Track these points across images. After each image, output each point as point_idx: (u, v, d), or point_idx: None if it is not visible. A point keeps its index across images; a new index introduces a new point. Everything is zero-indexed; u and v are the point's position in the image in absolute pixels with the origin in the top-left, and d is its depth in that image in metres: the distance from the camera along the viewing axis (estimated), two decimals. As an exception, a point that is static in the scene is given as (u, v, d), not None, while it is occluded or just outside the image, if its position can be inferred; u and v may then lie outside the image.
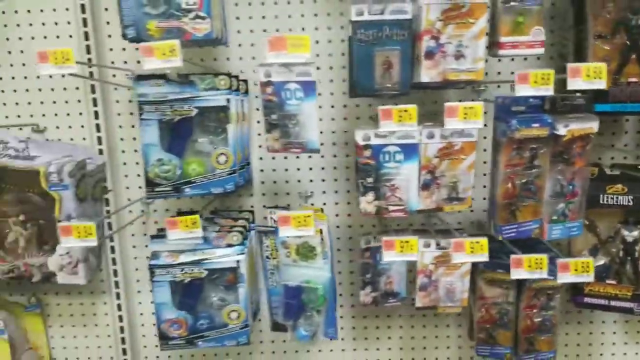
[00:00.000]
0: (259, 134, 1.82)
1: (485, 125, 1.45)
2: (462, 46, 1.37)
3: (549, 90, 1.29)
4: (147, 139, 1.48)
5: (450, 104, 1.31)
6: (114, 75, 1.80)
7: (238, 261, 1.49)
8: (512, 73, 1.72)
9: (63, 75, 1.81)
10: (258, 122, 1.81)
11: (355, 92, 1.51)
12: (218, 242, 1.53)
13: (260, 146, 1.83)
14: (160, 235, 1.55)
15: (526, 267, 1.39)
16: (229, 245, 1.53)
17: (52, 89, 1.82)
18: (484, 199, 1.78)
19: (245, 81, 1.73)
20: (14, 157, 1.69)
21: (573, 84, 1.26)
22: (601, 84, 1.26)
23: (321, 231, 1.47)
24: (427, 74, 1.39)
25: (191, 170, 1.53)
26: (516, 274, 1.39)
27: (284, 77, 1.45)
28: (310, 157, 1.84)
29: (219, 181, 1.53)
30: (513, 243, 1.51)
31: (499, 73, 1.75)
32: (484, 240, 1.39)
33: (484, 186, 1.75)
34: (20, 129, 1.82)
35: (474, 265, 1.60)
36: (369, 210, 1.49)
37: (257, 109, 1.80)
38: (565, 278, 1.39)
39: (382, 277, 1.69)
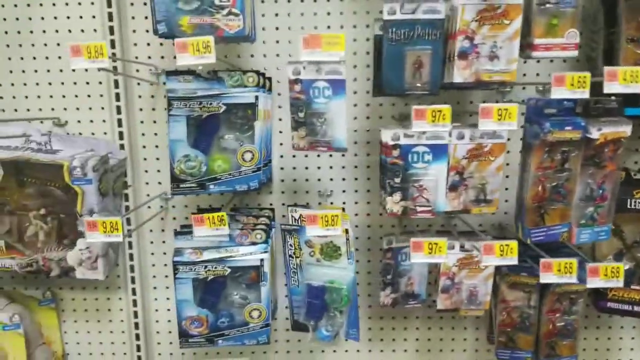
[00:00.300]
0: (280, 132, 1.81)
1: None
2: (496, 47, 1.37)
3: (584, 93, 1.28)
4: (174, 135, 1.47)
5: (485, 105, 1.30)
6: (137, 71, 1.79)
7: (262, 259, 1.48)
8: (538, 75, 1.75)
9: (86, 70, 1.79)
10: (280, 119, 1.80)
11: (383, 91, 1.50)
12: (241, 239, 1.52)
13: (281, 144, 1.82)
14: (183, 231, 1.53)
15: (555, 272, 1.38)
16: (253, 243, 1.52)
17: (75, 83, 1.81)
18: (506, 201, 1.77)
19: (269, 78, 1.72)
20: (36, 151, 1.67)
21: (609, 87, 1.26)
22: (637, 88, 1.26)
23: (347, 231, 1.46)
24: (460, 74, 1.38)
25: (217, 166, 1.52)
26: (546, 278, 1.39)
27: (312, 75, 1.44)
28: (331, 155, 1.83)
29: (243, 178, 1.52)
30: (537, 246, 1.50)
31: (524, 75, 1.74)
32: (513, 243, 1.38)
33: (506, 188, 1.74)
34: (42, 122, 1.80)
35: (497, 268, 1.59)
36: (395, 211, 1.48)
37: (280, 107, 1.79)
38: (594, 283, 1.38)
39: (403, 279, 1.68)
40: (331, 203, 1.85)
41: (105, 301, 1.94)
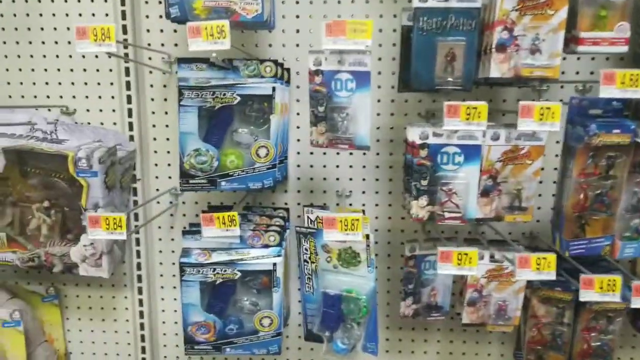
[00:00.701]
0: (298, 127, 1.70)
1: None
2: (538, 39, 1.24)
3: (637, 93, 1.15)
4: (185, 127, 1.37)
5: (526, 103, 1.18)
6: (149, 59, 1.70)
7: (274, 264, 1.38)
8: (577, 73, 1.61)
9: (96, 56, 1.71)
10: (298, 114, 1.69)
11: (410, 86, 1.38)
12: (253, 241, 1.42)
13: (298, 140, 1.71)
14: (192, 230, 1.43)
15: (597, 289, 1.25)
16: (265, 246, 1.42)
17: (84, 70, 1.72)
18: (539, 208, 1.65)
19: (287, 70, 1.61)
20: (41, 140, 1.59)
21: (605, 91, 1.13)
22: (636, 94, 1.13)
23: (367, 237, 1.34)
24: (497, 68, 1.25)
25: (229, 162, 1.41)
26: (586, 296, 1.26)
27: (335, 66, 1.33)
28: (351, 154, 1.72)
29: (257, 176, 1.42)
30: (574, 259, 1.38)
31: (562, 72, 1.61)
32: (552, 257, 1.25)
33: (539, 195, 1.62)
34: (49, 110, 1.72)
35: (528, 281, 1.47)
36: (420, 216, 1.36)
37: (298, 100, 1.68)
38: (640, 303, 1.25)
39: (426, 289, 1.57)
40: (350, 204, 1.73)
41: (110, 299, 1.86)
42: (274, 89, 1.38)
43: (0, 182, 1.60)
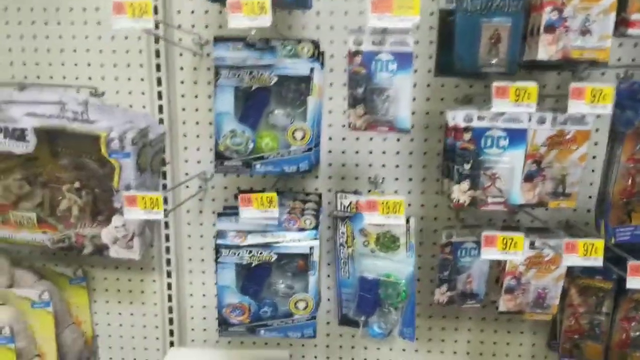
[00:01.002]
0: (330, 112, 1.68)
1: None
2: (588, 21, 1.20)
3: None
4: (221, 107, 1.35)
5: (578, 84, 1.15)
6: (180, 40, 1.67)
7: (311, 247, 1.35)
8: (619, 59, 1.57)
9: (126, 37, 1.69)
10: (330, 98, 1.67)
11: (448, 70, 1.35)
12: (289, 224, 1.40)
13: (330, 125, 1.69)
14: (227, 212, 1.41)
15: (646, 277, 1.23)
16: (301, 229, 1.40)
17: (114, 51, 1.70)
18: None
19: (322, 53, 1.58)
20: (72, 120, 1.57)
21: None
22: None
23: (408, 220, 1.32)
24: (545, 50, 1.22)
25: (264, 144, 1.39)
26: (634, 283, 1.23)
27: (376, 47, 1.30)
28: (385, 139, 1.69)
29: (293, 159, 1.39)
30: (617, 247, 1.34)
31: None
32: (599, 243, 1.22)
33: (578, 182, 1.58)
34: (78, 91, 1.70)
35: (567, 269, 1.44)
36: (462, 201, 1.33)
37: (331, 84, 1.65)
38: (689, 292, 1.22)
39: (462, 276, 1.54)
40: (382, 191, 1.71)
41: (138, 282, 1.85)
42: (312, 69, 1.35)
43: (30, 162, 1.59)
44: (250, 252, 1.34)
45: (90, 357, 1.87)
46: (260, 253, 1.34)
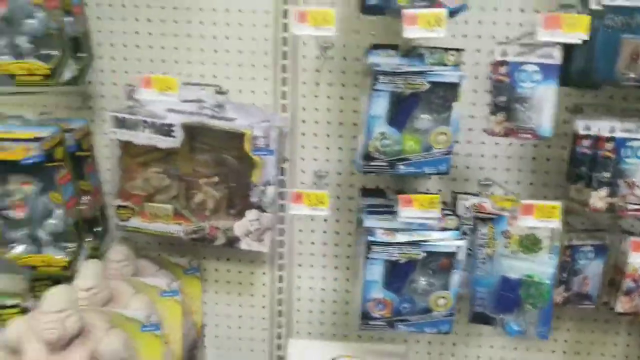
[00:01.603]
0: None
1: None
2: None
3: None
4: (375, 111, 1.43)
5: None
6: (303, 44, 1.75)
7: (458, 247, 1.43)
8: None
9: (253, 39, 1.76)
10: (473, 104, 1.73)
11: (570, 81, 1.44)
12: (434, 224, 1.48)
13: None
14: (376, 210, 1.49)
15: None
16: (444, 229, 1.48)
17: (240, 52, 1.77)
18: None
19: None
20: (210, 117, 1.64)
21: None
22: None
23: (554, 224, 1.40)
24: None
25: (408, 147, 1.47)
26: None
27: (522, 58, 1.40)
28: (497, 144, 1.76)
29: (433, 161, 1.47)
30: None
31: None
32: None
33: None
34: (203, 89, 1.77)
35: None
36: (599, 206, 1.42)
37: (475, 91, 1.71)
38: None
39: (578, 277, 1.62)
40: (491, 193, 1.78)
41: (248, 275, 1.92)
42: (461, 77, 1.43)
43: (169, 156, 1.65)
44: (401, 249, 1.42)
45: (199, 346, 1.93)
46: (410, 251, 1.42)
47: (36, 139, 1.45)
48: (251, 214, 1.63)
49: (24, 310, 1.67)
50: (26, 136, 1.46)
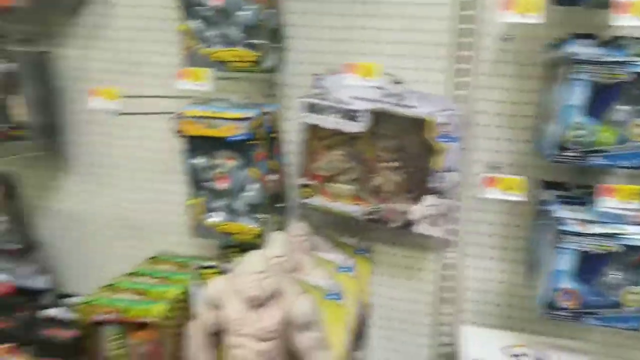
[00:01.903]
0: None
1: None
2: None
3: None
4: (572, 100, 1.41)
5: None
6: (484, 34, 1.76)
7: (658, 242, 1.38)
8: None
9: (428, 31, 1.80)
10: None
11: None
12: (627, 218, 1.43)
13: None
14: (569, 201, 1.48)
15: None
16: (637, 223, 1.43)
17: (417, 44, 1.82)
18: None
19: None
20: (393, 104, 1.71)
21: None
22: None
23: None
24: None
25: (603, 138, 1.43)
26: None
27: None
28: None
29: (627, 154, 1.43)
30: None
31: None
32: None
33: None
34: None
35: None
36: None
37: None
38: None
39: None
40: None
41: (415, 260, 1.98)
42: (667, 67, 1.37)
43: (352, 140, 1.76)
44: (597, 240, 1.40)
45: (367, 324, 2.03)
46: (606, 243, 1.39)
47: (245, 119, 1.63)
48: (429, 199, 1.69)
49: (221, 272, 1.87)
50: (236, 116, 1.64)
